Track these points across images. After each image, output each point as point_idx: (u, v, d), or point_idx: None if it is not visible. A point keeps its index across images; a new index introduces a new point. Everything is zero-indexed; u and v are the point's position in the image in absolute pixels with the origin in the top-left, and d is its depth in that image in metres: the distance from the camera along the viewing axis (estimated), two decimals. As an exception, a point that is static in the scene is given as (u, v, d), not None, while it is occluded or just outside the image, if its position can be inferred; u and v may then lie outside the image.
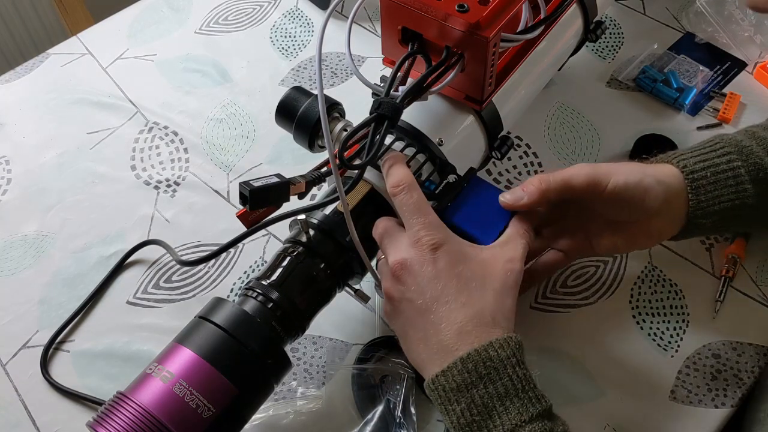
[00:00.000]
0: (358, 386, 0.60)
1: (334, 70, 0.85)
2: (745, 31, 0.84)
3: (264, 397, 0.51)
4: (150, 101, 0.83)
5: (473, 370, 0.47)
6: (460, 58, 0.56)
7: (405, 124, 0.58)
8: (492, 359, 0.47)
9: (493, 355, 0.47)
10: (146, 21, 0.92)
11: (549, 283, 0.67)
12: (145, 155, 0.78)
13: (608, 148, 0.76)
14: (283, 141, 0.78)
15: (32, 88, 0.85)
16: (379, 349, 0.62)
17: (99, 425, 0.45)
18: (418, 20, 0.56)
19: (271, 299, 0.52)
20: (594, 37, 0.73)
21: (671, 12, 0.90)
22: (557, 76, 0.80)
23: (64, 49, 0.90)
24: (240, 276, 0.69)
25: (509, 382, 0.47)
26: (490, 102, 0.61)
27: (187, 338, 0.49)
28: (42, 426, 0.60)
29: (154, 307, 0.67)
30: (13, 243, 0.71)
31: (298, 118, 0.58)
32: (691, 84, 0.80)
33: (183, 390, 0.46)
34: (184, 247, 0.71)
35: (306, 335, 0.56)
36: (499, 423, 0.46)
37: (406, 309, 0.51)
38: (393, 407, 0.57)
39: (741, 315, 0.64)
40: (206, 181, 0.76)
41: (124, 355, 0.64)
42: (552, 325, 0.64)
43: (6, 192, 0.76)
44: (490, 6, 0.54)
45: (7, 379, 0.63)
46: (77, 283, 0.68)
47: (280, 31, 0.91)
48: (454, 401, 0.47)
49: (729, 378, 0.61)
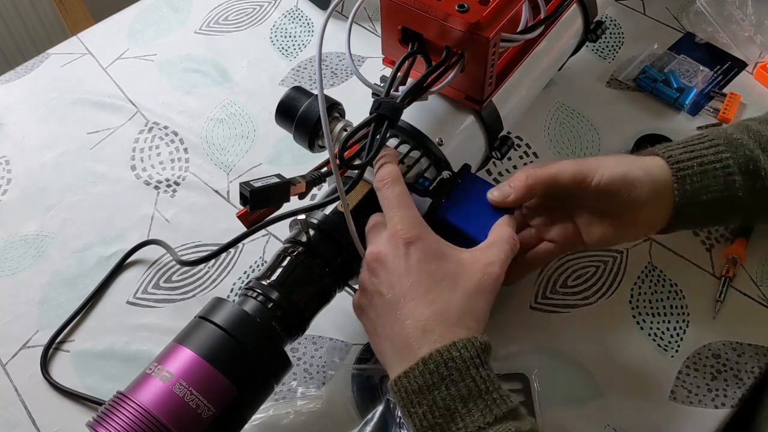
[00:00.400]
0: (358, 386, 0.60)
1: (334, 70, 0.85)
2: (746, 31, 0.84)
3: (264, 397, 0.51)
4: (150, 101, 0.83)
5: (435, 371, 0.46)
6: (460, 58, 0.56)
7: (405, 124, 0.58)
8: (454, 360, 0.46)
9: (456, 355, 0.46)
10: (146, 21, 0.92)
11: (549, 283, 0.67)
12: (145, 155, 0.78)
13: (608, 148, 0.76)
14: (283, 141, 0.78)
15: (32, 88, 0.85)
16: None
17: (99, 425, 0.45)
18: (418, 20, 0.56)
19: (271, 299, 0.52)
20: (594, 37, 0.73)
21: (671, 12, 0.90)
22: (557, 76, 0.80)
23: (64, 49, 0.90)
24: (240, 276, 0.69)
25: (472, 383, 0.46)
26: (490, 102, 0.61)
27: (187, 338, 0.49)
28: (42, 426, 0.60)
29: (154, 307, 0.67)
30: (13, 243, 0.71)
31: (298, 118, 0.58)
32: (692, 84, 0.80)
33: (183, 390, 0.46)
34: (184, 247, 0.71)
35: (306, 335, 0.56)
36: (462, 425, 0.45)
37: (377, 302, 0.50)
38: (393, 407, 0.57)
39: (741, 315, 0.64)
40: (206, 181, 0.76)
41: (124, 355, 0.64)
42: (552, 325, 0.64)
43: (6, 192, 0.76)
44: (490, 6, 0.54)
45: (7, 379, 0.63)
46: (77, 283, 0.68)
47: (280, 31, 0.91)
48: (416, 403, 0.46)
49: (729, 378, 0.61)
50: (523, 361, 0.61)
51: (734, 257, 0.66)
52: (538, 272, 0.67)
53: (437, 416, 0.45)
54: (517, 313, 0.65)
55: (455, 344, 0.47)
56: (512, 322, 0.64)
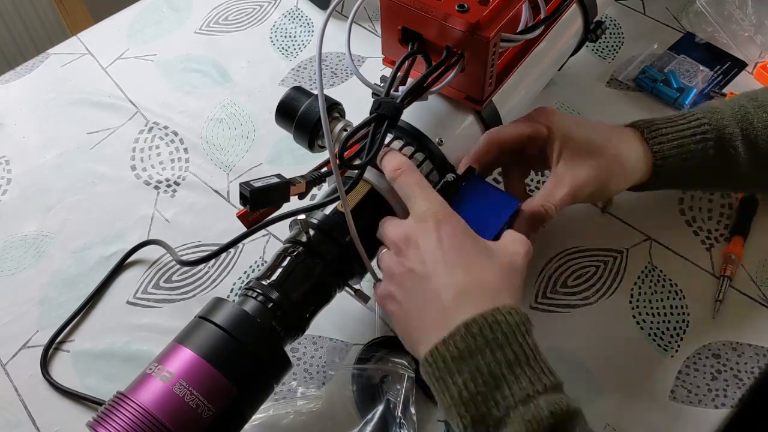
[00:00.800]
0: (358, 386, 0.60)
1: (334, 70, 0.85)
2: (745, 31, 0.84)
3: (264, 397, 0.51)
4: (150, 101, 0.83)
5: (478, 334, 0.42)
6: (460, 58, 0.56)
7: (405, 124, 0.59)
8: (499, 323, 0.42)
9: (500, 319, 0.43)
10: (146, 21, 0.92)
11: (549, 283, 0.67)
12: (145, 155, 0.78)
13: (608, 148, 0.76)
14: (283, 141, 0.78)
15: (32, 88, 0.85)
16: (379, 349, 0.62)
17: (99, 425, 0.45)
18: (418, 20, 0.56)
19: (271, 299, 0.52)
20: (594, 37, 0.73)
21: (671, 12, 0.90)
22: (557, 76, 0.80)
23: (64, 49, 0.90)
24: (240, 276, 0.69)
25: (519, 349, 0.42)
26: (490, 102, 0.61)
27: (187, 338, 0.49)
28: (42, 426, 0.60)
29: (154, 307, 0.67)
30: (13, 243, 0.71)
31: (298, 118, 0.58)
32: (691, 84, 0.80)
33: (183, 390, 0.46)
34: (184, 247, 0.71)
35: (306, 335, 0.56)
36: (509, 393, 0.41)
37: (407, 282, 0.48)
38: (393, 407, 0.57)
39: (741, 315, 0.64)
40: (206, 181, 0.76)
41: (124, 355, 0.64)
42: (552, 325, 0.64)
43: (6, 192, 0.76)
44: (490, 6, 0.54)
45: (7, 379, 0.63)
46: (77, 283, 0.68)
47: (280, 31, 0.91)
48: (456, 372, 0.42)
49: (729, 378, 0.61)
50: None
51: (732, 256, 0.66)
52: (538, 272, 0.67)
53: (479, 384, 0.42)
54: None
55: (499, 309, 0.44)
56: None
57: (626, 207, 0.71)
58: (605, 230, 0.70)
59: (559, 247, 0.69)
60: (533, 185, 0.73)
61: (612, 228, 0.70)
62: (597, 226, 0.71)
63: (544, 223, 0.57)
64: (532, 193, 0.60)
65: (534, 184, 0.74)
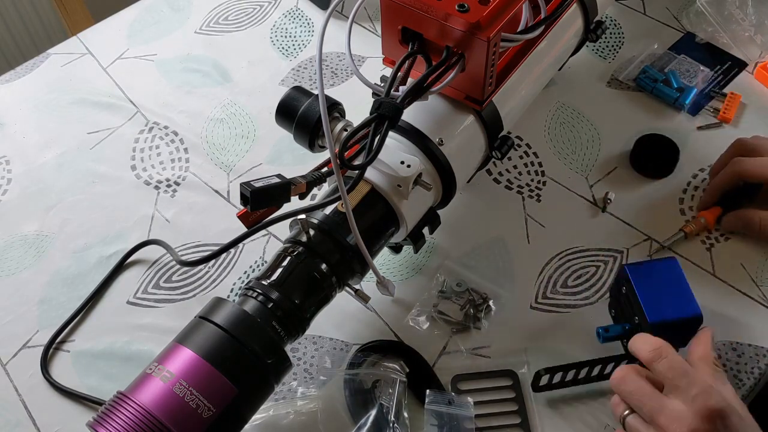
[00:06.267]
0: (351, 391, 0.59)
1: (335, 70, 0.85)
2: (746, 31, 0.84)
3: (264, 397, 0.51)
4: (150, 101, 0.83)
5: None
6: (460, 58, 0.56)
7: (405, 124, 0.59)
8: None
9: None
10: (146, 21, 0.92)
11: (549, 283, 0.67)
12: (146, 155, 0.78)
13: (608, 148, 0.76)
14: (283, 141, 0.78)
15: (32, 88, 0.85)
16: (371, 354, 0.61)
17: (99, 425, 0.45)
18: (419, 20, 0.56)
19: (272, 299, 0.52)
20: (594, 37, 0.73)
21: (671, 12, 0.90)
22: (557, 76, 0.80)
23: (64, 49, 0.90)
24: (240, 276, 0.69)
25: None
26: (491, 102, 0.61)
27: (188, 338, 0.49)
28: (42, 426, 0.60)
29: (154, 307, 0.67)
30: (13, 243, 0.71)
31: (299, 118, 0.58)
32: (692, 84, 0.80)
33: (183, 390, 0.46)
34: (184, 247, 0.71)
35: (306, 335, 0.56)
36: None
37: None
38: (386, 412, 0.57)
39: (741, 315, 0.64)
40: (206, 181, 0.76)
41: (124, 355, 0.64)
42: (552, 325, 0.64)
43: (6, 192, 0.76)
44: (490, 6, 0.54)
45: (7, 379, 0.63)
46: (77, 283, 0.68)
47: (280, 31, 0.91)
48: None
49: (729, 378, 0.61)
50: (522, 360, 0.61)
51: (702, 219, 0.68)
52: (538, 272, 0.67)
53: None
54: (517, 313, 0.65)
55: None
56: (512, 322, 0.64)
57: (626, 207, 0.72)
58: (605, 230, 0.70)
59: (559, 247, 0.69)
60: (520, 169, 0.73)
61: (612, 228, 0.70)
62: (597, 226, 0.71)
63: None
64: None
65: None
